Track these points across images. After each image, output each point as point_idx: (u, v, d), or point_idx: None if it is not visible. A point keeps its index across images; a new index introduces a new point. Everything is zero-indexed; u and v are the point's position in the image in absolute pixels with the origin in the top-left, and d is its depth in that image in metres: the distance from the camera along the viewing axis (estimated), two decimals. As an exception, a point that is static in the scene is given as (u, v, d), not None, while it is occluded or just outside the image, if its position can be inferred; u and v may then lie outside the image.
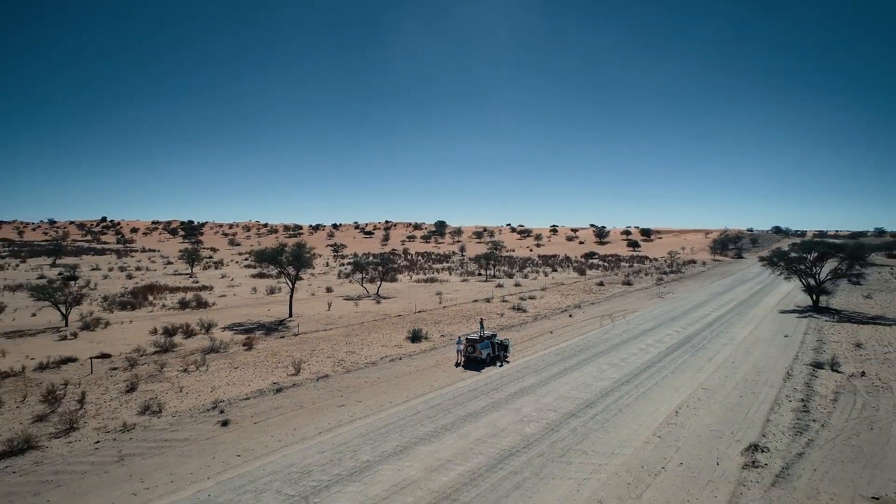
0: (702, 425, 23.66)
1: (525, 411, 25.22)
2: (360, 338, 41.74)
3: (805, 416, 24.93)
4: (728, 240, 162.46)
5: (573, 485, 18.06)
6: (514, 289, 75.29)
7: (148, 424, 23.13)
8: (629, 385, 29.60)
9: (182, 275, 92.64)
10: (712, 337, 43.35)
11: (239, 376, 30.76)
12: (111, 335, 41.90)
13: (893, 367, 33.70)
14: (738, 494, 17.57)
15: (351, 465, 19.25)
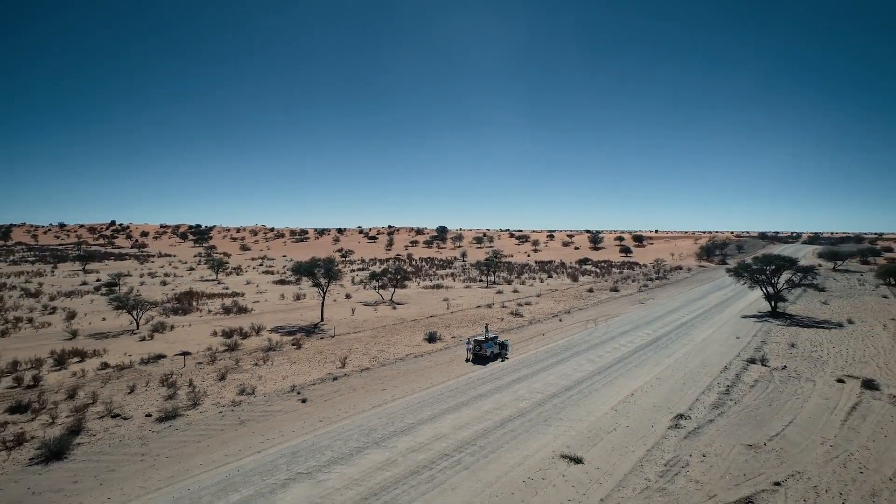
0: (648, 403, 32.70)
1: (520, 393, 34.25)
2: (386, 339, 50.75)
3: (725, 396, 34.00)
4: (714, 246, 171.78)
5: (551, 437, 27.08)
6: (513, 295, 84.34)
7: (249, 402, 32.12)
8: (600, 375, 38.64)
9: (208, 281, 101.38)
10: (676, 338, 52.40)
11: (299, 369, 39.74)
12: (179, 336, 50.84)
13: (812, 363, 42.77)
14: (659, 443, 26.60)
15: (401, 425, 28.28)
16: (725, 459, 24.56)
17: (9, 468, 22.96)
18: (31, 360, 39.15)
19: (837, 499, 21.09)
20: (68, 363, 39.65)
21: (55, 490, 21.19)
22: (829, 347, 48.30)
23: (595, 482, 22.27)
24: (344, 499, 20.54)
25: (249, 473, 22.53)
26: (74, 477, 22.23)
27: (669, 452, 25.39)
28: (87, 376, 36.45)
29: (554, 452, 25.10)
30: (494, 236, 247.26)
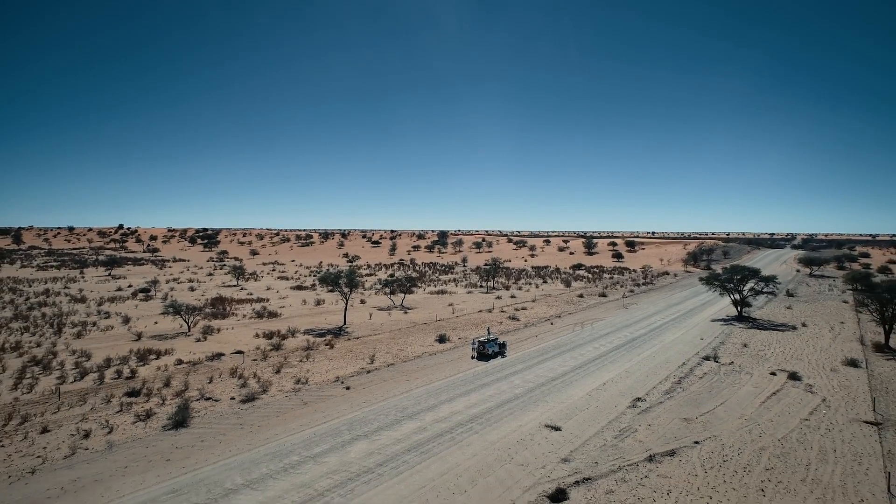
0: (615, 390, 41.97)
1: (516, 383, 43.53)
2: (403, 340, 60.01)
3: (676, 385, 43.30)
4: (701, 252, 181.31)
5: (538, 413, 36.32)
6: (510, 300, 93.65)
7: (305, 389, 41.34)
8: (580, 369, 47.93)
9: (231, 286, 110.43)
10: (649, 339, 61.72)
11: (336, 364, 48.96)
12: (227, 338, 59.98)
13: (756, 359, 52.07)
14: (618, 417, 35.81)
15: (426, 405, 37.51)
16: (664, 428, 33.84)
17: (149, 433, 32.15)
18: (118, 357, 48.38)
19: (736, 452, 30.32)
20: (149, 360, 48.79)
21: (191, 446, 30.38)
22: (776, 347, 57.65)
23: (567, 441, 31.54)
24: (393, 450, 29.78)
25: (323, 435, 31.78)
26: (200, 438, 31.42)
27: (624, 423, 34.65)
28: (170, 370, 45.63)
29: (540, 423, 34.36)
30: (493, 241, 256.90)
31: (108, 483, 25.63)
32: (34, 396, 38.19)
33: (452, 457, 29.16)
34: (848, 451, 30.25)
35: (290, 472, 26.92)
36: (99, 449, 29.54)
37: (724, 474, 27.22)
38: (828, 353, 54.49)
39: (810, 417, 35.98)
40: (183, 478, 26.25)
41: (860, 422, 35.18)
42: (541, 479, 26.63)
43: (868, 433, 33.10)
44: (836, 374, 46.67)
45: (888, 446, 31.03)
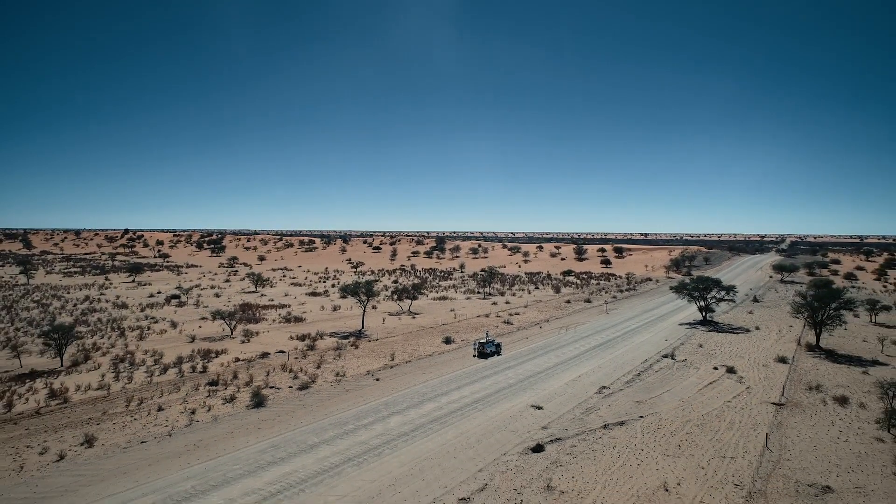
0: (588, 381, 53.42)
1: (509, 375, 54.97)
2: (415, 341, 71.35)
3: (636, 377, 54.80)
4: (684, 258, 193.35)
5: (526, 397, 47.74)
6: (505, 306, 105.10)
7: (344, 380, 52.63)
8: (562, 365, 59.41)
9: (251, 293, 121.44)
10: (622, 340, 73.27)
11: (364, 361, 60.27)
12: (266, 340, 71.11)
13: (706, 357, 63.62)
14: (587, 400, 47.27)
15: (440, 391, 48.90)
16: (620, 407, 45.33)
17: (238, 411, 43.38)
18: (186, 356, 59.56)
19: (668, 423, 41.73)
20: (211, 357, 59.92)
21: (272, 419, 41.61)
22: (726, 347, 69.29)
23: (547, 416, 42.97)
24: (420, 421, 41.13)
25: (367, 412, 43.14)
26: (277, 414, 42.70)
27: (591, 404, 46.13)
28: (232, 366, 56.82)
29: (527, 404, 45.80)
30: (489, 247, 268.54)
31: (225, 443, 36.91)
32: (136, 386, 49.37)
33: (463, 426, 40.58)
34: (749, 423, 41.81)
35: (349, 435, 38.28)
36: (207, 421, 40.80)
37: (655, 437, 38.72)
38: (767, 352, 66.12)
39: (732, 400, 47.55)
40: (276, 438, 37.57)
41: (768, 403, 46.77)
42: (526, 439, 38.09)
43: (770, 411, 44.67)
44: (766, 369, 58.31)
45: (779, 419, 42.61)
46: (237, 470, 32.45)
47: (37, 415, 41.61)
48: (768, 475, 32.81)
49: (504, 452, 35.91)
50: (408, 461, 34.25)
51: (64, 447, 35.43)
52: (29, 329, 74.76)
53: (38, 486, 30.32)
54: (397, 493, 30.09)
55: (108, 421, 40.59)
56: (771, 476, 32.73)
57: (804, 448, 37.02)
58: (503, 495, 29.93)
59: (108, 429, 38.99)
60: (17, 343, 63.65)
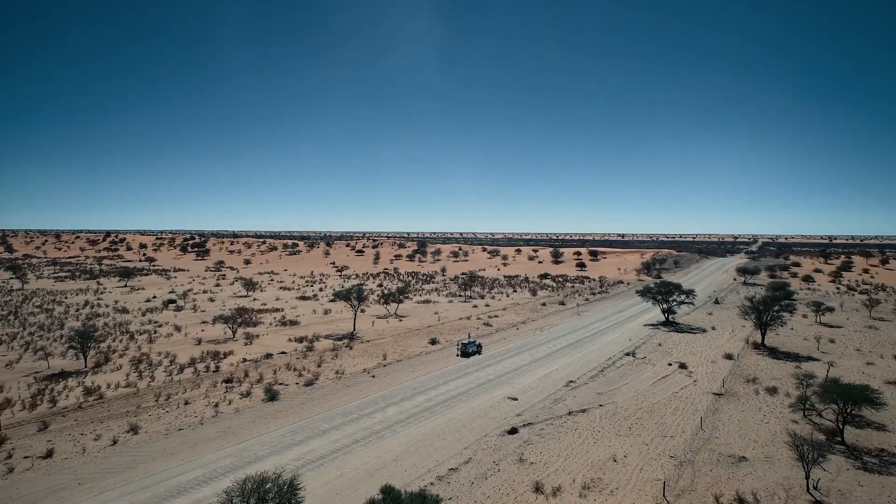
0: (557, 376, 61.06)
1: (489, 371, 62.38)
2: (403, 343, 78.42)
3: (600, 373, 62.61)
4: (654, 261, 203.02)
5: (504, 390, 55.17)
6: (485, 308, 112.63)
7: (344, 377, 59.55)
8: (535, 363, 67.01)
9: (243, 297, 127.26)
10: (590, 340, 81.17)
11: (359, 360, 67.21)
12: (266, 342, 77.56)
13: (663, 355, 71.71)
14: (555, 392, 54.88)
15: (429, 386, 56.13)
16: (583, 398, 52.99)
17: (255, 404, 50.09)
18: (198, 356, 65.90)
19: (623, 410, 49.44)
20: (220, 358, 66.32)
21: (286, 410, 48.43)
22: (682, 346, 77.54)
23: (521, 405, 50.44)
24: (414, 411, 48.30)
25: (367, 403, 50.19)
26: (289, 406, 49.53)
27: (559, 396, 53.74)
28: (241, 366, 63.35)
29: (504, 396, 53.23)
30: (469, 250, 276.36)
31: (250, 429, 43.71)
32: (159, 383, 55.76)
33: (450, 414, 47.88)
34: (690, 409, 49.74)
35: (354, 422, 45.35)
36: (230, 412, 47.53)
37: (611, 421, 46.41)
38: (717, 350, 74.46)
39: (680, 391, 55.54)
40: (293, 425, 44.48)
41: (710, 393, 54.81)
42: (503, 424, 45.52)
43: (710, 400, 52.67)
44: (714, 364, 66.54)
45: (716, 406, 50.62)
46: (265, 450, 39.36)
47: (79, 409, 47.90)
48: (698, 449, 40.63)
49: (485, 434, 43.28)
50: (405, 442, 41.46)
51: (114, 434, 41.95)
52: (43, 333, 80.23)
53: (103, 464, 36.87)
54: (399, 465, 37.26)
55: (144, 413, 47.08)
56: (700, 450, 40.54)
57: (731, 428, 44.98)
58: (484, 466, 37.29)
59: (147, 419, 45.52)
60: (38, 347, 69.22)
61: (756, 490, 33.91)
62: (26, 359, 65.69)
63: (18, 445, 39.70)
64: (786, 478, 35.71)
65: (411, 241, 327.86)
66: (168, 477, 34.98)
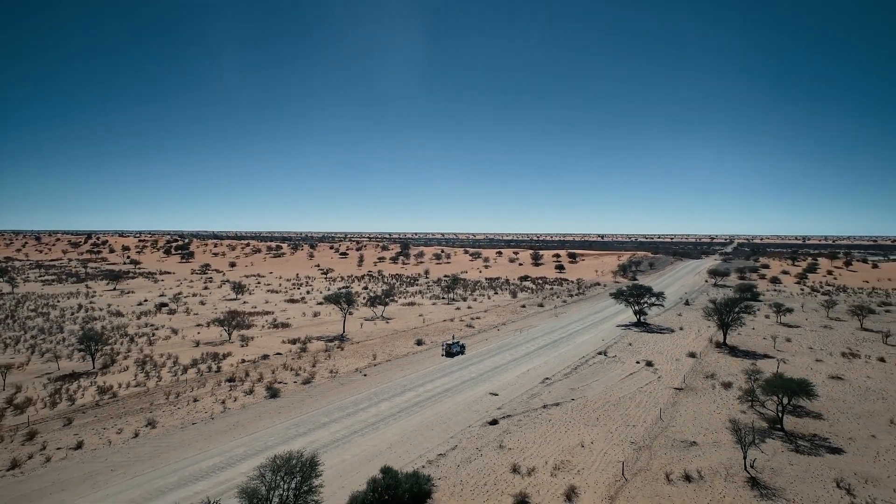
0: (535, 374, 66.56)
1: (471, 370, 67.68)
2: (391, 344, 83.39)
3: (573, 370, 68.26)
4: (631, 264, 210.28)
5: (485, 387, 60.49)
6: (467, 311, 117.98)
7: (337, 376, 64.40)
8: (514, 361, 72.45)
9: (233, 300, 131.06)
10: (566, 341, 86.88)
11: (351, 360, 72.05)
12: (261, 344, 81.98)
13: (632, 353, 77.63)
14: (532, 388, 60.35)
15: (417, 383, 61.26)
16: (557, 393, 58.50)
17: (258, 401, 54.75)
18: (199, 357, 70.20)
19: (592, 403, 55.02)
20: (220, 359, 70.67)
21: (287, 406, 53.16)
22: (651, 345, 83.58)
23: (501, 400, 55.77)
24: (404, 405, 53.39)
25: (361, 399, 55.17)
26: (290, 402, 54.30)
27: (535, 391, 59.20)
28: (241, 366, 67.83)
29: (486, 392, 58.55)
30: (451, 252, 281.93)
31: (257, 423, 48.45)
32: (166, 383, 60.12)
33: (437, 408, 53.08)
34: (652, 402, 55.50)
35: (351, 415, 50.32)
36: (237, 408, 52.20)
37: (581, 413, 51.95)
38: (682, 349, 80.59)
39: (645, 386, 61.34)
40: (295, 419, 49.31)
41: (671, 388, 60.68)
42: (485, 416, 50.81)
43: (671, 394, 58.52)
44: (678, 362, 72.57)
45: (675, 399, 56.47)
46: (273, 440, 44.20)
47: (97, 406, 52.19)
48: (655, 436, 46.31)
49: (469, 425, 48.54)
50: (398, 432, 46.58)
51: (134, 428, 46.44)
52: (45, 337, 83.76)
53: (130, 454, 41.43)
54: (394, 452, 42.36)
55: (158, 410, 51.53)
56: (657, 437, 46.22)
57: (687, 418, 50.80)
58: (469, 451, 42.54)
59: (162, 415, 50.00)
60: (44, 349, 72.96)
61: (701, 469, 39.60)
62: (34, 361, 69.44)
63: (49, 438, 44.02)
64: (728, 459, 41.45)
65: (394, 244, 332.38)
66: (190, 463, 39.68)
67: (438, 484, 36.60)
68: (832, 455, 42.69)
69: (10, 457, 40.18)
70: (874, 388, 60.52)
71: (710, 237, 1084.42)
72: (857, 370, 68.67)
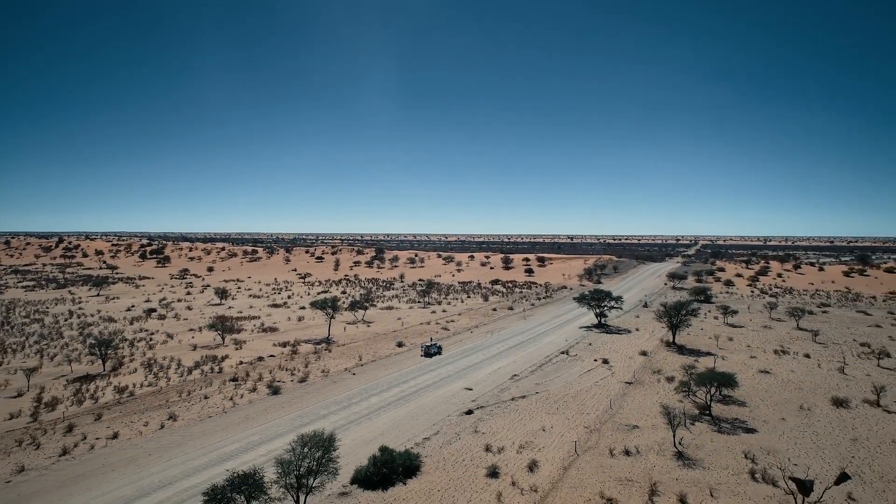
0: (505, 371, 75.17)
1: (448, 369, 76.01)
2: (374, 346, 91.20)
3: (539, 368, 77.10)
4: (596, 267, 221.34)
5: (461, 383, 68.88)
6: (442, 314, 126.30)
7: (329, 375, 72.02)
8: (487, 360, 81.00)
9: (216, 305, 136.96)
10: (533, 341, 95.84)
11: (339, 361, 79.67)
12: (254, 347, 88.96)
13: (591, 352, 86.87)
14: (503, 383, 68.92)
15: (401, 380, 69.32)
16: (524, 387, 67.17)
17: (261, 397, 62.12)
18: (200, 360, 77.03)
19: (554, 396, 63.80)
20: (218, 362, 77.56)
21: (289, 402, 60.67)
22: (609, 345, 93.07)
23: (475, 394, 64.21)
24: (391, 399, 61.43)
25: (353, 395, 63.02)
26: (290, 398, 61.82)
27: (505, 386, 67.78)
28: (240, 367, 74.91)
29: (462, 387, 66.94)
30: (425, 256, 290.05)
31: (265, 415, 55.93)
32: (175, 383, 66.99)
33: (420, 401, 61.28)
34: (605, 394, 64.58)
35: (346, 408, 58.16)
36: (245, 404, 59.56)
37: (544, 404, 60.69)
38: (636, 348, 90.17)
39: (600, 381, 70.45)
40: (298, 412, 56.94)
41: (623, 382, 69.89)
42: (461, 407, 59.19)
43: (622, 387, 67.70)
44: (631, 360, 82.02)
45: (625, 391, 65.67)
46: (283, 429, 51.84)
47: (118, 403, 59.00)
48: (605, 422, 55.27)
49: (448, 415, 56.84)
50: (388, 421, 54.66)
51: (159, 421, 53.56)
52: (48, 342, 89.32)
53: (161, 442, 48.64)
54: (386, 436, 50.40)
55: (174, 406, 58.60)
56: (606, 422, 55.18)
57: (633, 407, 59.94)
58: (449, 435, 50.83)
59: (179, 410, 57.13)
60: (50, 353, 78.81)
61: (639, 446, 48.60)
62: (46, 364, 75.41)
63: (86, 431, 50.90)
64: (662, 438, 50.56)
65: (369, 247, 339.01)
66: (215, 448, 47.13)
67: (425, 461, 44.80)
68: (747, 434, 52.14)
69: (59, 445, 47.09)
70: (794, 381, 70.64)
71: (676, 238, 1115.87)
72: (784, 365, 78.92)
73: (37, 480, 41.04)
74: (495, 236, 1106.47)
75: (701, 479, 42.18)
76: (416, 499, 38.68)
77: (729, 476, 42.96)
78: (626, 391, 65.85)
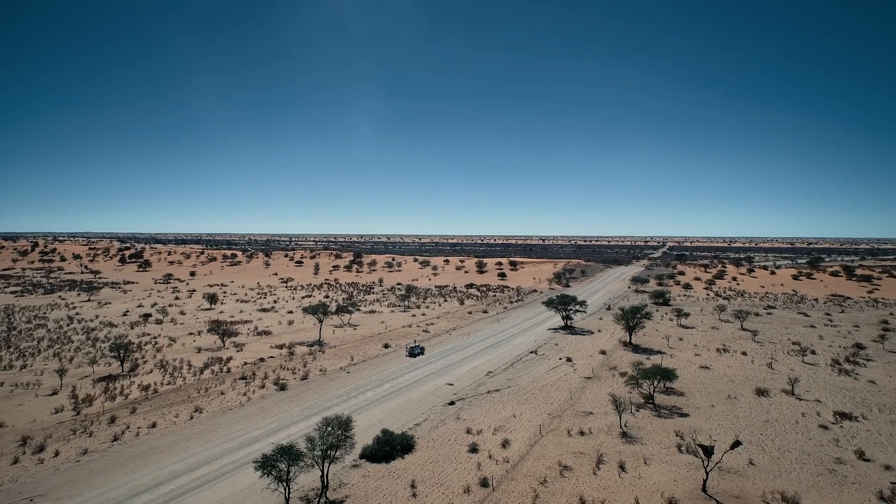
0: (481, 369, 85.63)
1: (430, 367, 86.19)
2: (363, 348, 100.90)
3: (510, 366, 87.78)
4: (565, 271, 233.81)
5: (442, 380, 79.11)
6: (422, 317, 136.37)
7: (327, 374, 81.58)
8: (464, 360, 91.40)
9: (207, 310, 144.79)
10: (505, 342, 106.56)
11: (333, 361, 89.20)
12: (253, 349, 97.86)
13: (557, 352, 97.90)
14: (479, 378, 79.39)
15: (390, 377, 79.28)
16: (498, 382, 77.69)
17: (271, 393, 71.45)
18: (208, 361, 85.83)
19: (523, 390, 74.44)
20: (224, 363, 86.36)
21: (296, 396, 70.19)
22: (573, 345, 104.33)
23: (456, 388, 74.51)
24: (383, 394, 71.37)
25: (350, 390, 72.81)
26: (296, 394, 71.31)
27: (481, 381, 78.24)
28: (245, 367, 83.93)
29: (444, 383, 77.21)
30: (402, 260, 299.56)
31: (277, 408, 65.39)
32: (191, 382, 75.84)
33: (408, 395, 71.39)
34: (567, 387, 75.49)
35: (346, 401, 67.96)
36: (258, 399, 68.89)
37: (515, 396, 71.30)
38: (597, 347, 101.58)
39: (563, 377, 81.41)
40: (306, 405, 66.54)
41: (583, 377, 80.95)
42: (444, 399, 69.46)
43: (582, 381, 78.72)
44: (591, 358, 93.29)
45: (584, 385, 76.71)
46: (294, 418, 61.44)
47: (146, 399, 67.82)
48: (565, 409, 66.13)
49: (434, 406, 67.09)
50: (383, 411, 64.68)
51: (187, 413, 62.64)
52: (60, 346, 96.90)
53: (193, 429, 57.85)
54: (383, 423, 60.35)
55: (197, 401, 67.64)
56: (566, 410, 66.04)
57: (590, 397, 70.96)
58: (436, 422, 61.07)
59: (202, 404, 66.22)
60: (67, 356, 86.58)
61: (592, 427, 59.50)
62: (67, 366, 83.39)
63: (127, 422, 59.79)
64: (611, 422, 61.55)
65: (347, 251, 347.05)
66: (242, 434, 56.60)
67: (418, 441, 54.99)
68: (681, 418, 63.47)
69: (109, 433, 56.04)
70: (728, 374, 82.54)
71: (645, 240, 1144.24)
72: (723, 361, 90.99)
73: (101, 460, 50.04)
74: (469, 238, 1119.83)
75: (638, 452, 53.15)
76: (414, 469, 48.83)
77: (661, 449, 54.05)
78: (585, 385, 76.83)
